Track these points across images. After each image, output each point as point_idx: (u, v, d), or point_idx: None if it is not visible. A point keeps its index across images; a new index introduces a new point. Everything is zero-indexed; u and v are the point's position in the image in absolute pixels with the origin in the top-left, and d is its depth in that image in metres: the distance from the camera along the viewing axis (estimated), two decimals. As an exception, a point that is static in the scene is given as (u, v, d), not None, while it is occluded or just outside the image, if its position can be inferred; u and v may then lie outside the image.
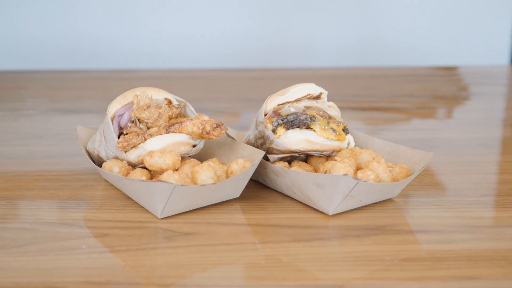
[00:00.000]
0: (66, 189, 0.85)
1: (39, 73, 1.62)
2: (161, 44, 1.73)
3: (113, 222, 0.75)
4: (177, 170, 0.79)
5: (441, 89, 1.47)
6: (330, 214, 0.76)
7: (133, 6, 1.71)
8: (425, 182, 0.87)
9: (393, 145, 0.86)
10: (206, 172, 0.75)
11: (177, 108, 0.84)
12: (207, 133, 0.81)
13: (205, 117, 0.83)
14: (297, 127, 0.81)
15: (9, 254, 0.67)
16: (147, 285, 0.62)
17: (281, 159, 0.83)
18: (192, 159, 0.82)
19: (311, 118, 0.81)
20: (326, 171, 0.78)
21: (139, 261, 0.66)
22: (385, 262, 0.66)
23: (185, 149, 0.82)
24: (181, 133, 0.82)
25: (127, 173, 0.80)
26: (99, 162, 0.86)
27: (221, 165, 0.80)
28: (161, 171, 0.77)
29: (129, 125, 0.80)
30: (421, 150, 0.83)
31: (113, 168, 0.80)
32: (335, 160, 0.78)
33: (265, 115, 0.83)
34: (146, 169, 0.81)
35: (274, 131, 0.81)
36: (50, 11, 1.69)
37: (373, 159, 0.80)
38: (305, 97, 0.85)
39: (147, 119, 0.81)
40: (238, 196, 0.81)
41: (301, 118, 0.81)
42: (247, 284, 0.63)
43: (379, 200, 0.79)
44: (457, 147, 1.04)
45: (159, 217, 0.75)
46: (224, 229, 0.73)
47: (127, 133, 0.80)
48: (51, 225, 0.74)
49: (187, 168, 0.79)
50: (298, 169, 0.79)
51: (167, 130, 0.81)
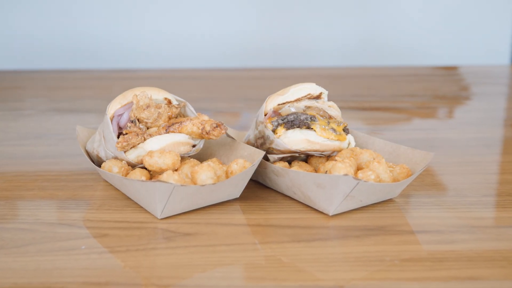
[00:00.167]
0: (65, 189, 0.84)
1: (38, 73, 1.62)
2: (161, 43, 1.73)
3: (113, 222, 0.75)
4: (176, 170, 0.78)
5: (442, 89, 1.47)
6: (330, 214, 0.75)
7: (133, 5, 1.71)
8: (426, 182, 0.87)
9: (393, 145, 0.86)
10: (206, 172, 0.75)
11: (176, 108, 0.84)
12: (206, 133, 0.81)
13: (205, 117, 0.83)
14: (297, 127, 0.81)
15: (8, 254, 0.67)
16: (146, 285, 0.62)
17: (281, 159, 0.83)
18: (191, 159, 0.81)
19: (311, 118, 0.81)
20: (326, 171, 0.78)
21: (139, 261, 0.66)
22: (386, 262, 0.66)
23: (185, 149, 0.82)
24: (180, 133, 0.81)
25: (127, 173, 0.80)
26: (98, 162, 0.86)
27: (221, 165, 0.80)
28: (161, 171, 0.77)
29: (129, 125, 0.80)
30: (421, 150, 0.83)
31: (112, 168, 0.80)
32: (336, 160, 0.78)
33: (265, 115, 0.83)
34: (145, 169, 0.80)
35: (274, 131, 0.81)
36: (49, 10, 1.69)
37: (374, 159, 0.80)
38: (306, 97, 0.84)
39: (147, 119, 0.81)
40: (238, 196, 0.81)
41: (301, 118, 0.80)
42: (247, 284, 0.62)
43: (380, 200, 0.79)
44: (457, 147, 1.04)
45: (159, 218, 0.75)
46: (224, 230, 0.73)
47: (126, 133, 0.80)
48: (50, 226, 0.74)
49: (186, 168, 0.78)
50: (298, 169, 0.78)
51: (166, 130, 0.81)
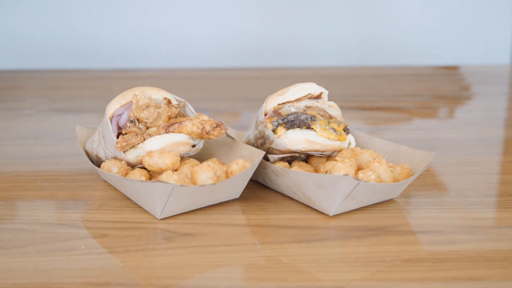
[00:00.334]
0: (64, 190, 0.84)
1: (37, 72, 1.62)
2: (161, 43, 1.73)
3: (112, 222, 0.75)
4: (176, 170, 0.78)
5: (443, 89, 1.47)
6: (330, 214, 0.75)
7: (133, 5, 1.71)
8: (427, 182, 0.87)
9: (394, 145, 0.86)
10: (205, 172, 0.75)
11: (176, 108, 0.84)
12: (206, 133, 0.81)
13: (205, 117, 0.83)
14: (298, 127, 0.80)
15: (7, 255, 0.67)
16: (146, 286, 0.61)
17: (281, 159, 0.83)
18: (191, 159, 0.81)
19: (311, 118, 0.80)
20: (326, 172, 0.78)
21: (138, 262, 0.66)
22: (386, 263, 0.65)
23: (185, 149, 0.81)
24: (180, 133, 0.81)
25: (126, 174, 0.80)
26: (97, 162, 0.86)
27: (220, 165, 0.80)
28: (160, 171, 0.77)
29: (128, 125, 0.80)
30: (422, 150, 0.82)
31: (112, 168, 0.80)
32: (336, 160, 0.77)
33: (265, 115, 0.83)
34: (145, 169, 0.80)
35: (274, 131, 0.81)
36: (48, 10, 1.69)
37: (374, 159, 0.79)
38: (306, 96, 0.84)
39: (146, 119, 0.81)
40: (238, 196, 0.80)
41: (302, 118, 0.80)
42: (247, 285, 0.62)
43: (380, 200, 0.79)
44: (458, 147, 1.03)
45: (158, 218, 0.75)
46: (224, 230, 0.73)
47: (126, 133, 0.80)
48: (50, 226, 0.74)
49: (186, 168, 0.78)
50: (298, 169, 0.78)
51: (166, 130, 0.81)
